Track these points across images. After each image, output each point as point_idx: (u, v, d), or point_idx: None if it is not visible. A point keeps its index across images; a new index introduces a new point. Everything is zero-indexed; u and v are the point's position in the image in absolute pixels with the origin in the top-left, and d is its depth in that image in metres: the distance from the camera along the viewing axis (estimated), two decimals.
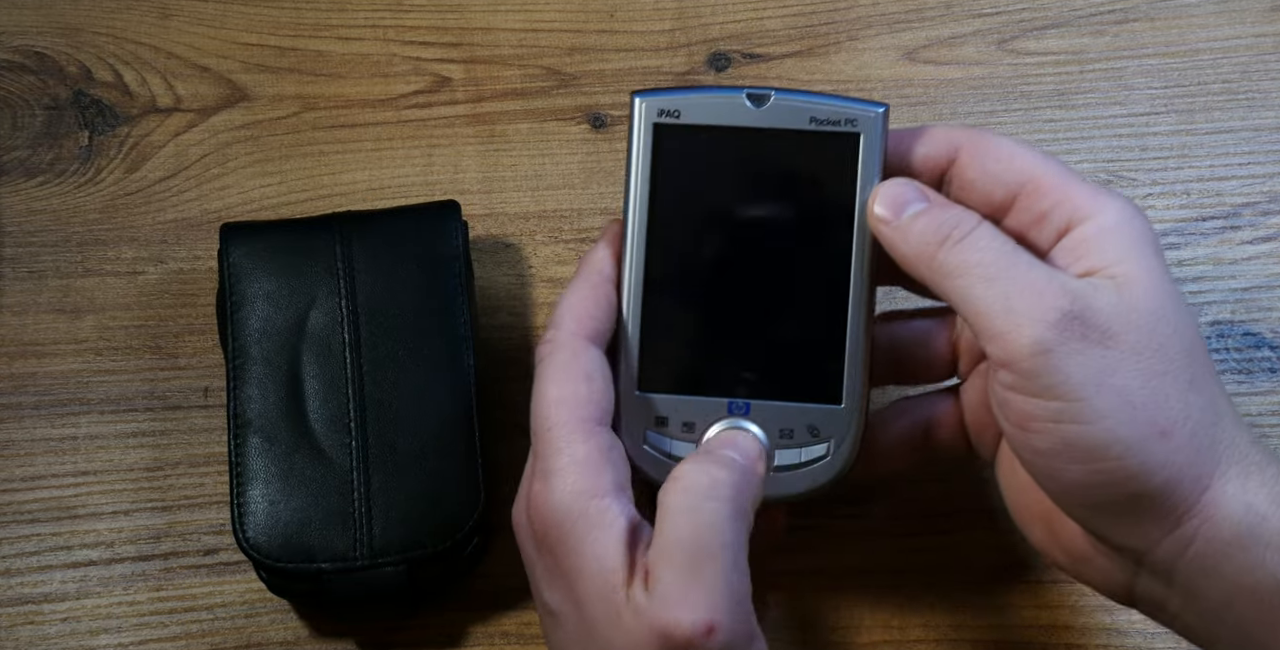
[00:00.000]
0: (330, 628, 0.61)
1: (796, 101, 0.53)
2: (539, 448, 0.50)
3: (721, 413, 0.53)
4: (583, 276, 0.53)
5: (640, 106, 0.53)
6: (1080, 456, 0.48)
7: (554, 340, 0.51)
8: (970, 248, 0.49)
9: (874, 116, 0.52)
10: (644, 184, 0.53)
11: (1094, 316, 0.48)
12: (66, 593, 0.61)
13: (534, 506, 0.49)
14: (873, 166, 0.52)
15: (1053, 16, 0.69)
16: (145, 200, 0.67)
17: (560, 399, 0.50)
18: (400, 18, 0.70)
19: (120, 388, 0.64)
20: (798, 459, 0.53)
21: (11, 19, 0.70)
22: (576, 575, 0.48)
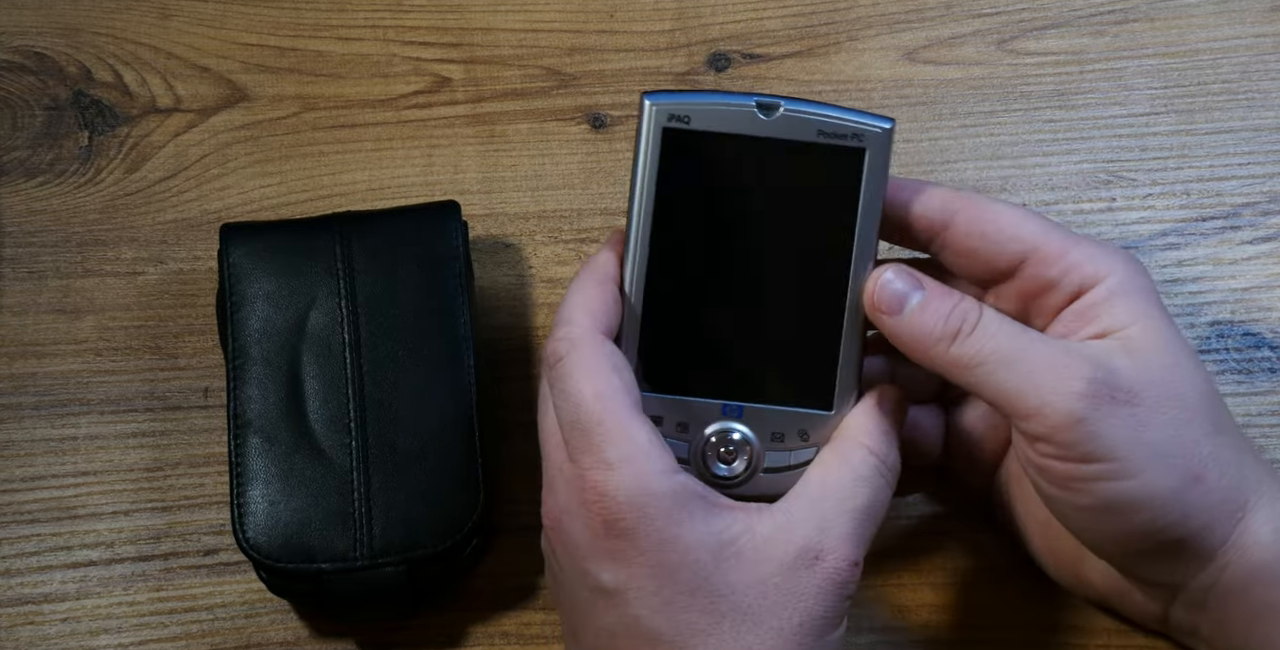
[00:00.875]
0: (330, 628, 0.61)
1: (805, 113, 0.53)
2: (590, 442, 0.50)
3: (715, 415, 0.54)
4: (588, 276, 0.54)
5: (650, 110, 0.53)
6: (1123, 510, 0.51)
7: (570, 337, 0.52)
8: (982, 337, 0.52)
9: (880, 132, 0.53)
10: (649, 187, 0.53)
11: (1117, 379, 0.50)
12: (66, 593, 0.61)
13: (601, 495, 0.50)
14: (876, 181, 0.53)
15: (1053, 16, 0.69)
16: (145, 200, 0.67)
17: (600, 393, 0.51)
18: (400, 18, 0.70)
19: (120, 388, 0.64)
20: (787, 461, 0.54)
21: (11, 19, 0.70)
22: (669, 546, 0.49)
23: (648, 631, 0.50)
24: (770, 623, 0.50)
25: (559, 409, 0.52)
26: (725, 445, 0.54)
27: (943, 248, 0.54)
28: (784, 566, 0.50)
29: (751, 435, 0.54)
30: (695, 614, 0.50)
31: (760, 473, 0.54)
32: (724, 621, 0.50)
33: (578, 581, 0.52)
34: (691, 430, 0.54)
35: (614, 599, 0.50)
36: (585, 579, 0.51)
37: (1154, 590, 0.54)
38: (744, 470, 0.54)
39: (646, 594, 0.50)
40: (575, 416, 0.51)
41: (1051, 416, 0.50)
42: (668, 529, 0.50)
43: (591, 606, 0.51)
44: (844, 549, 0.51)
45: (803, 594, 0.50)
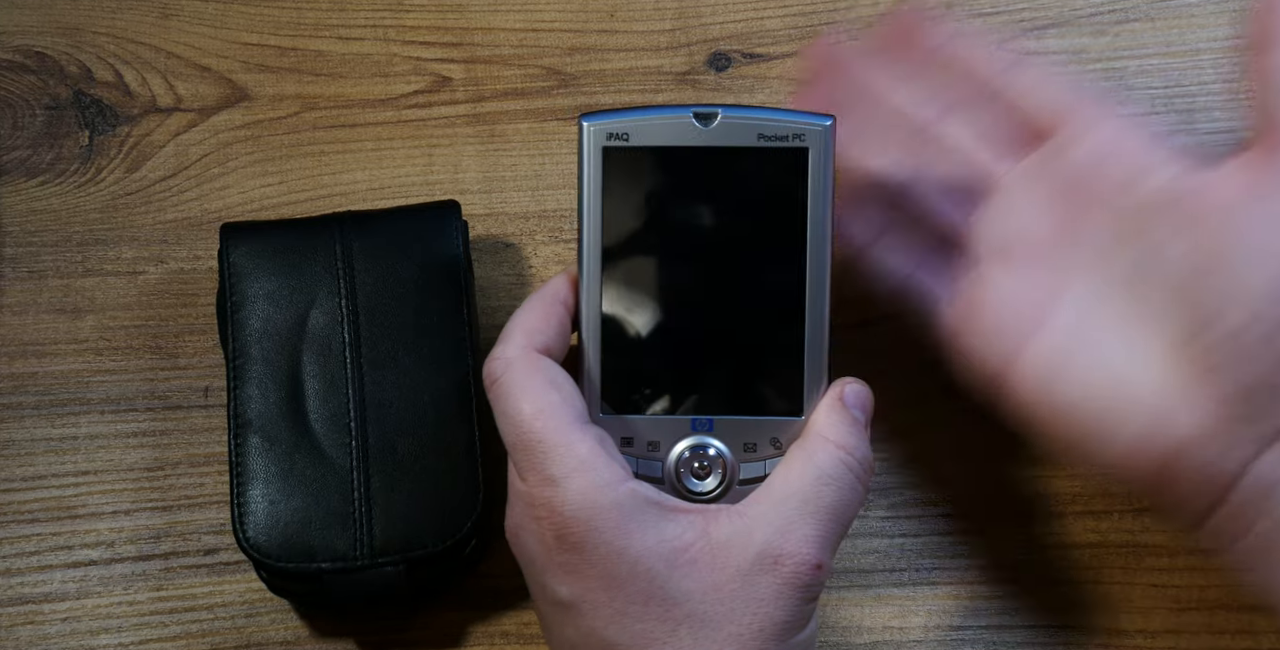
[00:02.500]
0: (330, 628, 0.61)
1: (743, 119, 0.53)
2: (532, 460, 0.51)
3: (685, 430, 0.54)
4: (535, 297, 0.54)
5: (588, 130, 0.53)
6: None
7: (505, 356, 0.52)
8: None
9: (820, 130, 0.53)
10: (595, 208, 0.54)
11: None
12: (66, 593, 0.61)
13: (548, 510, 0.50)
14: (822, 179, 0.53)
15: (1053, 16, 0.69)
16: (145, 200, 0.67)
17: (537, 412, 0.51)
18: (400, 18, 0.70)
19: (120, 388, 0.64)
20: (762, 471, 0.54)
21: (11, 19, 0.70)
22: (618, 557, 0.49)
23: (604, 642, 0.50)
24: (728, 628, 0.49)
25: (501, 430, 0.52)
26: (698, 460, 0.54)
27: None
28: (740, 572, 0.50)
29: (724, 448, 0.54)
30: (650, 623, 0.49)
31: (736, 485, 0.54)
32: (680, 628, 0.49)
33: (539, 595, 0.53)
34: (663, 448, 0.54)
35: (570, 612, 0.51)
36: (545, 592, 0.52)
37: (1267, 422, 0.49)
38: (719, 483, 0.54)
39: (600, 605, 0.50)
40: (516, 436, 0.51)
41: None
42: (616, 541, 0.50)
43: (553, 619, 0.52)
44: (805, 550, 0.50)
45: (761, 599, 0.50)
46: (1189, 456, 0.50)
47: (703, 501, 0.53)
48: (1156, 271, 0.52)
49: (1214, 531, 0.51)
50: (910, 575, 0.61)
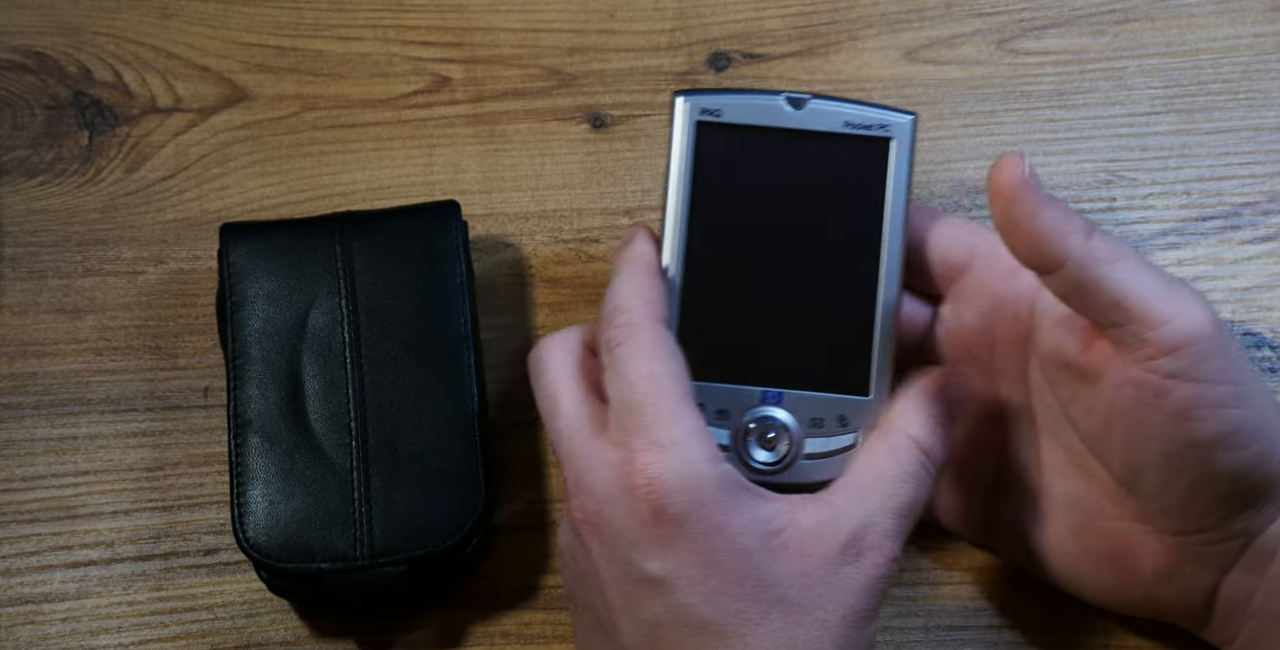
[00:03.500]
0: (330, 628, 0.61)
1: (832, 106, 0.56)
2: (642, 422, 0.50)
3: (755, 401, 0.55)
4: (635, 266, 0.54)
5: (682, 106, 0.55)
6: (1241, 441, 0.50)
7: (630, 323, 0.52)
8: (1111, 239, 0.51)
9: (905, 123, 0.56)
10: (684, 179, 0.55)
11: None
12: (66, 593, 0.61)
13: (650, 478, 0.50)
14: (903, 170, 0.55)
15: (1053, 16, 0.69)
16: (145, 200, 0.67)
17: (657, 373, 0.51)
18: (400, 18, 0.70)
19: (120, 388, 0.64)
20: (827, 447, 0.55)
21: (11, 19, 0.70)
22: (718, 533, 0.49)
23: (696, 620, 0.50)
24: (816, 614, 0.50)
25: (613, 389, 0.52)
26: (765, 431, 0.55)
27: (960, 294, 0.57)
28: (828, 560, 0.50)
29: (791, 421, 0.55)
30: (744, 603, 0.49)
31: (801, 459, 0.55)
32: (772, 611, 0.50)
33: (619, 573, 0.51)
34: (731, 417, 0.55)
35: (660, 588, 0.50)
36: (630, 569, 0.50)
37: (1220, 549, 0.53)
38: (784, 456, 0.55)
39: (695, 582, 0.49)
40: (630, 396, 0.51)
41: (1191, 323, 0.49)
42: (716, 515, 0.50)
43: (634, 597, 0.51)
44: (886, 545, 0.51)
45: (846, 588, 0.50)
46: (1161, 592, 0.55)
47: (767, 473, 0.54)
48: (1079, 421, 0.54)
49: (1211, 637, 0.56)
50: (910, 576, 0.61)
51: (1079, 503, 0.55)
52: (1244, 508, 0.52)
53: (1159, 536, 0.54)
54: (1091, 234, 0.50)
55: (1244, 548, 0.53)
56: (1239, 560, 0.53)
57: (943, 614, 0.60)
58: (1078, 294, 0.51)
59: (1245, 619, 0.54)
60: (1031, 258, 0.51)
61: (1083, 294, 0.50)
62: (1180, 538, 0.53)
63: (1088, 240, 0.50)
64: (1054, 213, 0.50)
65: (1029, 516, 0.57)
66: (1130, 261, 0.50)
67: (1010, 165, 0.51)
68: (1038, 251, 0.51)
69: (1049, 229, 0.50)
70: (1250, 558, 0.53)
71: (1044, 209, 0.50)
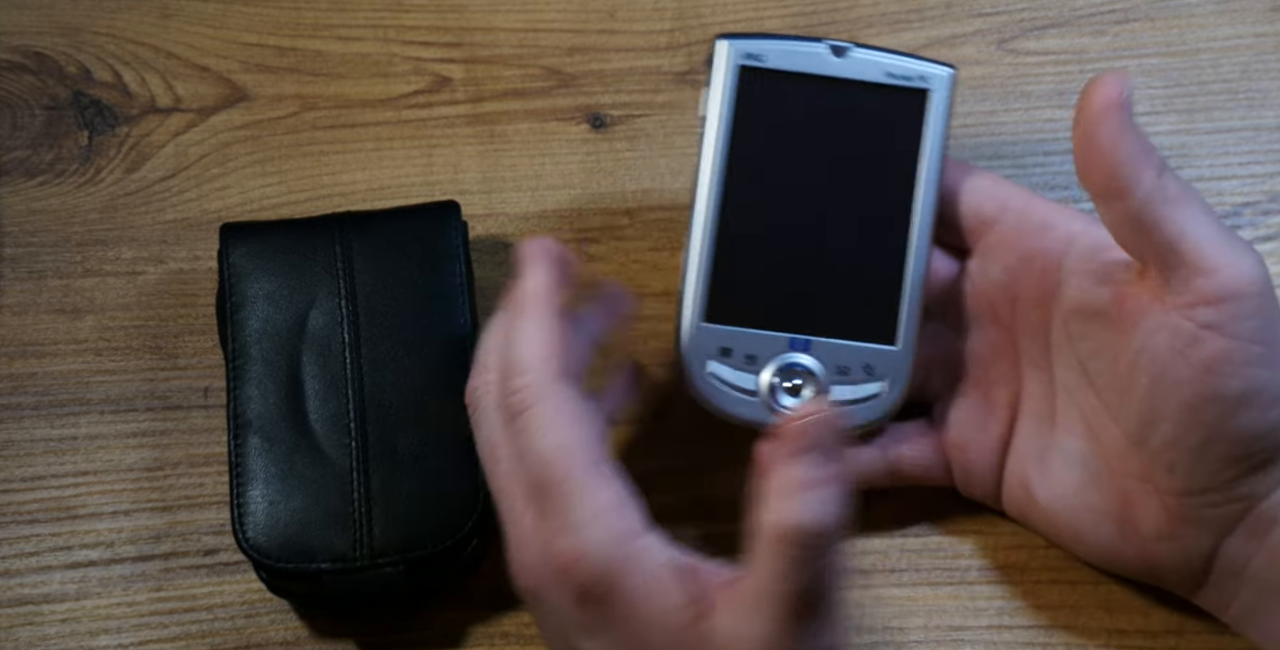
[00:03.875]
0: (330, 628, 0.61)
1: (874, 56, 0.56)
2: (552, 503, 0.48)
3: (783, 347, 0.56)
4: (530, 311, 0.51)
5: (725, 49, 0.56)
6: (1262, 403, 0.50)
7: (529, 387, 0.49)
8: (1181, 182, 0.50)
9: (945, 75, 0.57)
10: (725, 122, 0.56)
11: None
12: (66, 593, 0.61)
13: (570, 562, 0.48)
14: (940, 123, 0.56)
15: (1053, 16, 0.69)
16: (145, 200, 0.67)
17: (565, 446, 0.49)
18: (400, 18, 0.70)
19: (120, 388, 0.64)
20: (853, 395, 0.56)
21: (11, 19, 0.70)
22: (634, 621, 0.48)
23: None
24: None
25: (524, 461, 0.50)
26: (793, 378, 0.55)
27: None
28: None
29: (819, 368, 0.55)
30: None
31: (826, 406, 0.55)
32: None
33: (561, 643, 0.51)
34: (759, 362, 0.56)
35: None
36: (568, 642, 0.50)
37: (1221, 513, 0.53)
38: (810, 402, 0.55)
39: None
40: (540, 473, 0.49)
41: (1239, 277, 0.49)
42: (634, 599, 0.48)
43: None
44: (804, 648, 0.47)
45: None
46: (1159, 552, 0.54)
47: None
48: (1098, 375, 0.54)
49: (1205, 602, 0.56)
50: (910, 575, 0.61)
51: (1086, 460, 0.55)
52: (1251, 471, 0.52)
53: (1161, 496, 0.53)
54: (1164, 171, 0.50)
55: (1245, 512, 0.53)
56: (1239, 525, 0.53)
57: (943, 614, 0.60)
58: (1135, 228, 0.50)
59: (1241, 584, 0.54)
60: (1101, 181, 0.50)
61: (1141, 229, 0.50)
62: (1183, 498, 0.53)
63: (1160, 176, 0.50)
64: (1136, 141, 0.50)
65: (1036, 473, 0.57)
66: (1195, 206, 0.50)
67: (1111, 83, 0.50)
68: (1109, 175, 0.50)
69: (1127, 156, 0.50)
70: (1251, 523, 0.53)
71: (1128, 134, 0.50)
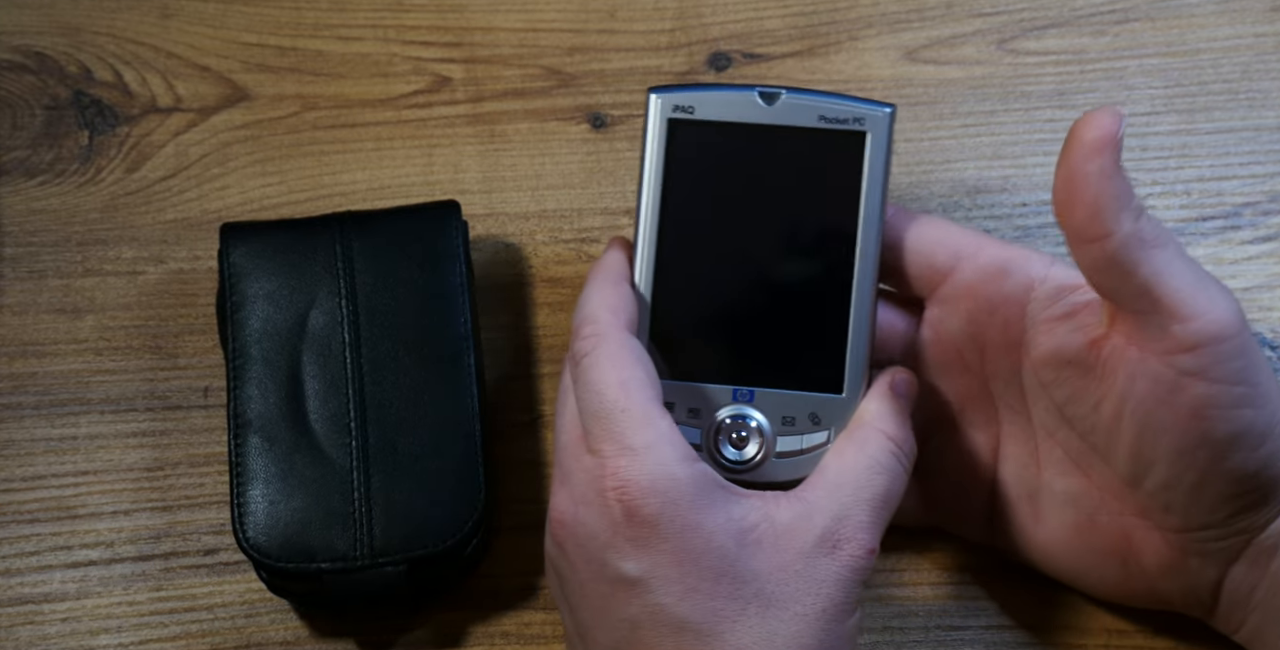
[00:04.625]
0: (330, 628, 0.61)
1: (806, 100, 0.55)
2: (612, 429, 0.51)
3: (727, 399, 0.55)
4: (603, 276, 0.55)
5: (656, 102, 0.55)
6: (1251, 442, 0.50)
7: (598, 333, 0.53)
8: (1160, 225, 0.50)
9: (881, 116, 0.55)
10: (657, 176, 0.55)
11: None
12: (66, 593, 0.61)
13: (623, 482, 0.50)
14: (879, 165, 0.55)
15: (1053, 16, 0.69)
16: (145, 200, 0.67)
17: (625, 381, 0.51)
18: (400, 18, 0.70)
19: (120, 388, 0.64)
20: (799, 446, 0.55)
21: (11, 19, 0.70)
22: (693, 532, 0.50)
23: (673, 619, 0.50)
24: (793, 608, 0.50)
25: (581, 400, 0.52)
26: (737, 430, 0.55)
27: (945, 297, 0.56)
28: (804, 554, 0.51)
29: (763, 419, 0.55)
30: (721, 600, 0.50)
31: (773, 458, 0.55)
32: (749, 607, 0.50)
33: (595, 574, 0.51)
34: (703, 415, 0.55)
35: (636, 588, 0.50)
36: (605, 570, 0.51)
37: (1223, 546, 0.53)
38: (756, 454, 0.55)
39: (670, 581, 0.50)
40: (599, 405, 0.51)
41: (1216, 322, 0.49)
42: (691, 515, 0.50)
43: (610, 598, 0.51)
44: (862, 537, 0.51)
45: (823, 581, 0.51)
46: (1166, 585, 0.55)
47: (739, 471, 0.54)
48: (1079, 419, 0.54)
49: (1218, 625, 0.56)
50: (910, 576, 0.61)
51: (1079, 500, 0.55)
52: (1247, 508, 0.52)
53: (1161, 532, 0.54)
54: (1142, 215, 0.50)
55: (1246, 544, 0.53)
56: (1241, 555, 0.53)
57: (943, 614, 0.60)
58: (1110, 272, 0.50)
59: (1249, 610, 0.54)
60: (1081, 221, 0.50)
61: (1116, 273, 0.50)
62: (1182, 534, 0.53)
63: (1137, 220, 0.49)
64: (1121, 183, 0.49)
65: (1029, 516, 0.57)
66: (1170, 250, 0.50)
67: (1108, 118, 0.50)
68: (1091, 216, 0.49)
69: (1111, 198, 0.49)
70: (1252, 553, 0.53)
71: (1115, 176, 0.49)
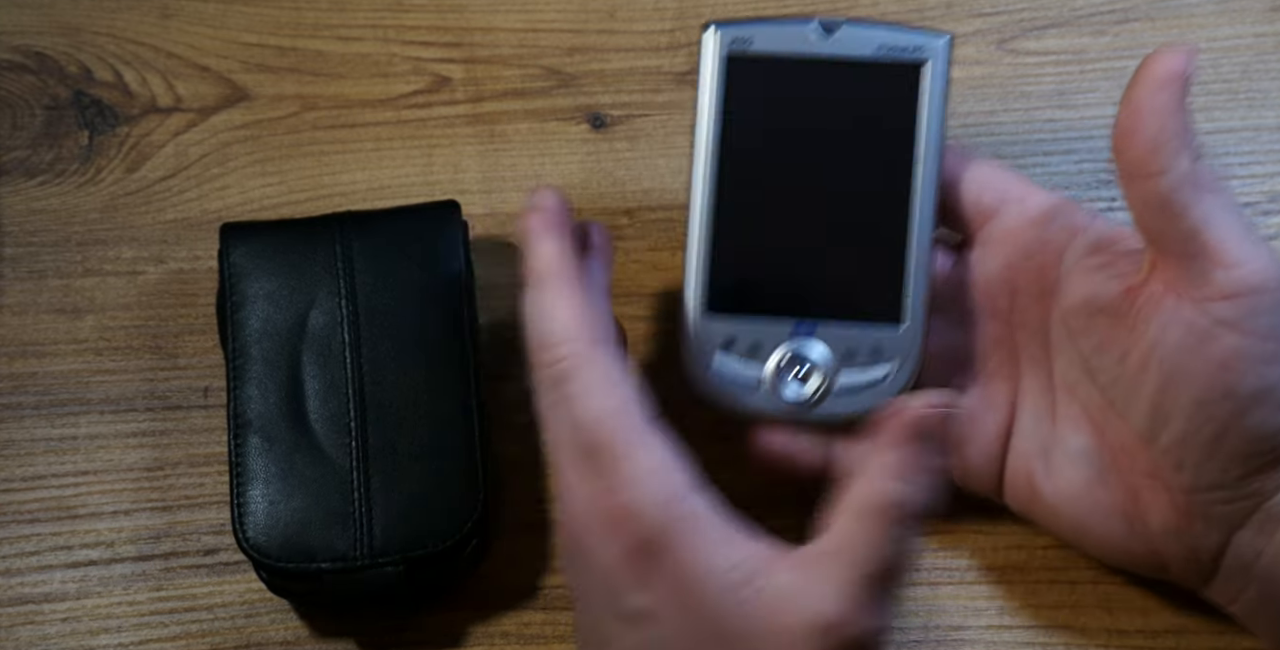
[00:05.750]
0: (330, 628, 0.61)
1: (865, 30, 0.55)
2: (602, 465, 0.49)
3: (787, 334, 0.55)
4: (557, 280, 0.51)
5: (713, 36, 0.55)
6: (1275, 401, 0.50)
7: (575, 354, 0.50)
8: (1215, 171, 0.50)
9: (940, 45, 0.55)
10: (716, 110, 0.55)
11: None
12: (66, 593, 0.61)
13: (622, 518, 0.48)
14: (938, 93, 0.55)
15: (1053, 16, 0.69)
16: (145, 200, 0.67)
17: (611, 409, 0.49)
18: (400, 18, 0.70)
19: (120, 388, 0.64)
20: (862, 379, 0.55)
21: (11, 19, 0.70)
22: (684, 577, 0.48)
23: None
24: None
25: (570, 432, 0.50)
26: (799, 364, 0.55)
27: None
28: (799, 635, 0.47)
29: (826, 353, 0.55)
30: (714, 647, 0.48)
31: (835, 392, 0.55)
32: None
33: (606, 606, 0.50)
34: (764, 351, 0.55)
35: (647, 622, 0.49)
36: (616, 603, 0.49)
37: (1231, 509, 0.52)
38: (817, 389, 0.55)
39: (674, 620, 0.48)
40: (590, 438, 0.49)
41: (1259, 273, 0.49)
42: (687, 553, 0.48)
43: (616, 626, 0.50)
44: (865, 619, 0.47)
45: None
46: (1168, 547, 0.54)
47: (803, 408, 0.53)
48: (1102, 371, 0.54)
49: (1213, 595, 0.55)
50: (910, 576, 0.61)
51: (1092, 457, 0.55)
52: (1261, 469, 0.51)
53: (1171, 493, 0.53)
54: (1200, 157, 0.49)
55: (1255, 508, 0.52)
56: (1248, 521, 0.53)
57: (943, 614, 0.60)
58: (1160, 211, 0.50)
59: (1250, 579, 0.53)
60: (1139, 157, 0.49)
61: (1166, 213, 0.50)
62: (1192, 495, 0.52)
63: (1195, 162, 0.49)
64: (1183, 121, 0.49)
65: (1040, 471, 0.56)
66: (1223, 198, 0.49)
67: (1178, 56, 0.50)
68: (1149, 151, 0.49)
69: (1172, 135, 0.49)
70: (1261, 518, 0.52)
71: (1178, 113, 0.49)
